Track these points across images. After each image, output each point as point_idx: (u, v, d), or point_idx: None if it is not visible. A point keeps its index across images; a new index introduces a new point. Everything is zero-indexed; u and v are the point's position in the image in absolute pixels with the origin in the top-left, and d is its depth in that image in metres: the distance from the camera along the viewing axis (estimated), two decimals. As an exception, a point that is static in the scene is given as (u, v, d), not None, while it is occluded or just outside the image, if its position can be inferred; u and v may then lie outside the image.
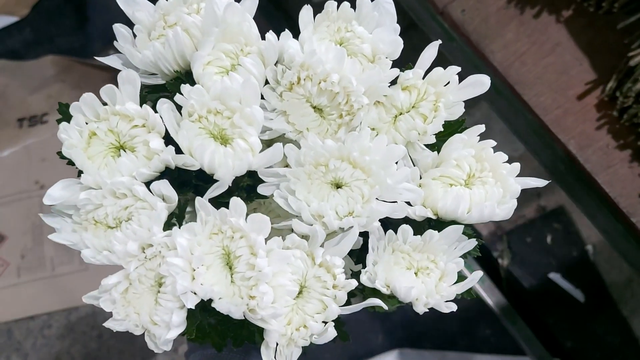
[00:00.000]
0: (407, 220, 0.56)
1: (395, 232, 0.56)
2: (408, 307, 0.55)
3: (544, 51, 0.90)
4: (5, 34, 1.93)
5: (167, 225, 0.53)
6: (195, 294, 0.49)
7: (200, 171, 0.54)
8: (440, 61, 0.57)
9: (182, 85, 0.53)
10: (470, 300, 0.60)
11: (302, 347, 0.53)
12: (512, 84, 0.89)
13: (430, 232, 0.54)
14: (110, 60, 0.59)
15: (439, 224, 0.57)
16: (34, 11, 1.92)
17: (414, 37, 0.55)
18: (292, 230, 0.54)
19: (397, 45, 0.56)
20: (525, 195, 1.68)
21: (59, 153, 0.54)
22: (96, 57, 0.59)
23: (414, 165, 0.58)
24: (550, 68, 0.89)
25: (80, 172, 0.53)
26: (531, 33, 0.91)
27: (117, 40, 0.58)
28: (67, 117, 0.54)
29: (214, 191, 0.52)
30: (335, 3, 0.57)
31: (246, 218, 0.50)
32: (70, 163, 0.54)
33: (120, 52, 0.58)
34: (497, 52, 0.90)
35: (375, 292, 0.56)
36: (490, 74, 0.88)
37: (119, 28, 0.57)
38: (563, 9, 0.91)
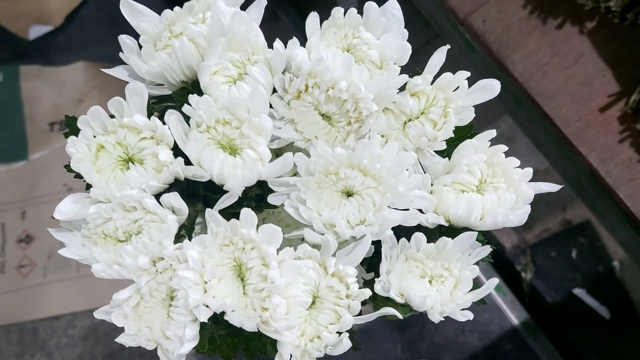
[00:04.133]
0: (417, 228, 0.57)
1: (408, 240, 0.56)
2: (428, 319, 0.55)
3: (566, 62, 0.90)
4: (40, 41, 2.02)
5: (177, 238, 0.53)
6: (207, 307, 0.50)
7: (209, 182, 0.54)
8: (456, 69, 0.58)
9: (190, 95, 0.53)
10: (492, 314, 0.60)
11: (317, 358, 0.53)
12: (533, 95, 0.89)
13: (443, 240, 0.55)
14: (116, 72, 0.59)
15: (450, 231, 0.58)
16: (68, 20, 2.02)
17: (438, 47, 0.56)
18: (303, 240, 0.55)
19: (404, 51, 0.56)
20: (551, 209, 1.71)
21: (67, 166, 0.55)
22: (102, 70, 0.60)
23: (424, 172, 0.59)
24: (572, 79, 0.89)
25: (88, 186, 0.54)
26: (553, 44, 0.91)
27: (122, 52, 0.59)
28: (75, 130, 0.55)
29: (223, 202, 0.53)
30: (342, 9, 0.58)
31: (257, 228, 0.51)
32: (79, 176, 0.55)
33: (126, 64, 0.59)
34: (518, 62, 0.91)
35: (387, 301, 0.57)
36: (511, 85, 0.90)
37: (124, 39, 0.58)
38: (586, 20, 0.91)
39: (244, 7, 0.58)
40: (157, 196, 0.53)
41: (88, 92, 1.92)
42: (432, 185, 0.58)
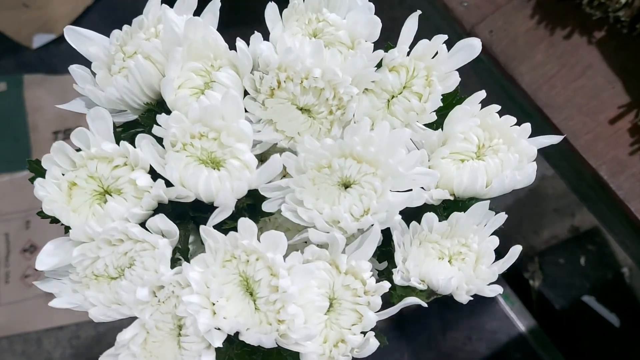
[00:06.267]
0: (419, 210, 0.54)
1: (408, 225, 0.53)
2: (435, 327, 0.53)
3: (574, 74, 0.89)
4: (43, 50, 2.07)
5: (173, 262, 0.50)
6: (219, 329, 0.47)
7: (196, 202, 0.51)
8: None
9: (158, 115, 0.50)
10: (500, 322, 0.58)
11: (346, 363, 0.50)
12: (541, 107, 0.88)
13: (455, 214, 0.52)
14: (73, 106, 0.56)
15: (454, 206, 0.55)
16: (71, 29, 2.09)
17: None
18: (307, 243, 0.52)
19: (374, 25, 0.54)
20: (559, 216, 1.70)
21: (40, 213, 0.51)
22: (57, 105, 0.57)
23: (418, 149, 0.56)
24: (580, 91, 0.88)
25: (67, 229, 0.50)
26: (561, 55, 0.90)
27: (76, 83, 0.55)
28: (41, 173, 0.51)
29: (216, 217, 0.50)
30: (300, -5, 0.55)
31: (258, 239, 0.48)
32: (54, 221, 0.51)
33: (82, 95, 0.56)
34: (525, 74, 0.89)
35: (406, 290, 0.54)
36: (519, 97, 0.89)
37: (74, 69, 0.55)
38: (595, 31, 0.90)
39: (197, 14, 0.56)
40: (142, 225, 0.50)
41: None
42: (429, 161, 0.55)
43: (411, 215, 0.54)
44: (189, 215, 0.53)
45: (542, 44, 0.91)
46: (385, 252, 0.55)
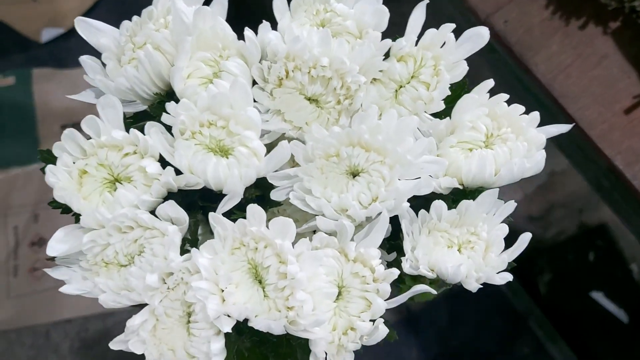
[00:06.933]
0: (425, 199, 0.54)
1: (417, 215, 0.54)
2: (443, 323, 0.53)
3: (589, 64, 0.89)
4: (52, 44, 2.07)
5: (182, 253, 0.50)
6: (228, 316, 0.47)
7: (205, 191, 0.51)
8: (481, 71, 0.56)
9: (167, 103, 0.51)
10: (509, 317, 0.58)
11: (355, 352, 0.50)
12: (556, 97, 0.88)
13: (465, 202, 0.52)
14: (84, 96, 0.57)
15: (461, 195, 0.55)
16: (79, 23, 2.11)
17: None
18: (314, 233, 0.52)
19: (382, 15, 0.54)
20: (567, 211, 1.70)
21: (52, 203, 0.52)
22: (68, 95, 0.57)
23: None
24: (596, 81, 0.88)
25: (77, 217, 0.51)
26: (576, 45, 0.90)
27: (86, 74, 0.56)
28: (52, 163, 0.52)
29: (226, 204, 0.50)
30: (308, -15, 0.56)
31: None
32: (65, 211, 0.52)
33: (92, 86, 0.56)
34: (540, 64, 0.89)
35: (415, 279, 0.54)
36: (534, 87, 0.89)
37: (85, 60, 0.55)
38: (610, 21, 0.90)
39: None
40: (152, 213, 0.50)
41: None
42: (437, 150, 0.55)
43: (419, 205, 0.54)
44: (198, 204, 0.54)
45: (558, 35, 0.91)
46: (393, 245, 0.55)
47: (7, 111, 2.00)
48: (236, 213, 0.51)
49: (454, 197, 0.56)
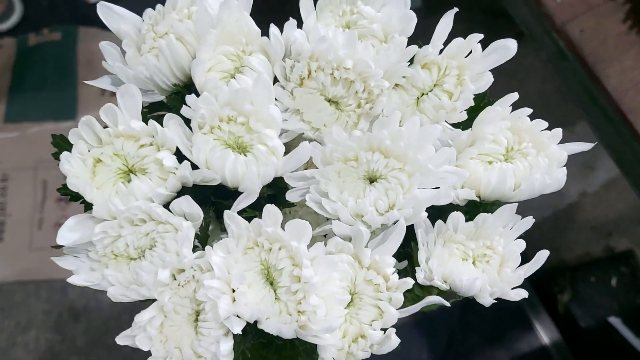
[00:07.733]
0: (440, 210, 0.53)
1: (432, 225, 0.53)
2: (456, 328, 0.52)
3: None
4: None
5: (192, 249, 0.49)
6: (238, 317, 0.46)
7: (218, 188, 0.51)
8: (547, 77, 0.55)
9: (187, 96, 0.50)
10: (523, 331, 0.57)
11: (363, 360, 0.49)
12: (625, 111, 0.87)
13: (482, 216, 0.52)
14: (100, 83, 0.56)
15: (474, 207, 0.55)
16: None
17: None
18: (326, 237, 0.51)
19: (409, 20, 0.53)
20: (595, 234, 1.69)
21: (61, 189, 0.51)
22: (85, 81, 0.56)
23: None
24: None
25: (88, 206, 0.50)
26: None
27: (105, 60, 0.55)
28: (64, 149, 0.51)
29: (241, 202, 0.49)
30: (336, -14, 0.55)
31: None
32: (74, 198, 0.51)
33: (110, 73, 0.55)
34: (612, 77, 0.89)
35: (424, 289, 0.53)
36: (601, 98, 0.88)
37: (104, 46, 0.54)
38: None
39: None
40: (165, 207, 0.49)
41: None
42: (456, 160, 0.55)
43: (431, 215, 0.53)
44: (210, 201, 0.53)
45: (633, 50, 0.90)
46: (402, 253, 0.54)
47: (51, 66, 2.01)
48: (247, 211, 0.51)
49: (467, 209, 0.55)
